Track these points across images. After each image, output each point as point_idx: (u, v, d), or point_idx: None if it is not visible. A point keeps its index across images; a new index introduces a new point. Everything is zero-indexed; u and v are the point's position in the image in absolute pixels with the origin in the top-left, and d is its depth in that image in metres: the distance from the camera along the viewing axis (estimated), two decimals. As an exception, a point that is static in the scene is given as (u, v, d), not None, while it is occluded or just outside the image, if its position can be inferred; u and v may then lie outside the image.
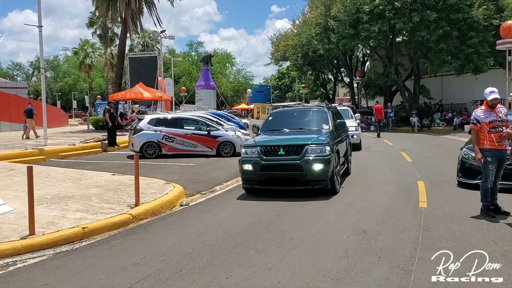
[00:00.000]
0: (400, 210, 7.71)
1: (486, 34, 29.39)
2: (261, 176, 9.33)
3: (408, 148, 18.55)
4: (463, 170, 9.78)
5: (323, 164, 8.93)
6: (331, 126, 10.44)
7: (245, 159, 9.53)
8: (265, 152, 9.34)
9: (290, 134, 10.23)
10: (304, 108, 12.54)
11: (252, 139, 10.79)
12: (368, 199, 8.86)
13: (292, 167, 9.08)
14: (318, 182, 9.03)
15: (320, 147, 9.10)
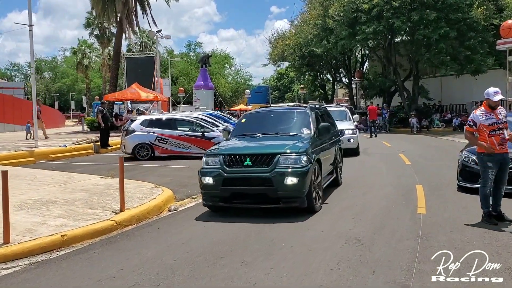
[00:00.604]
0: (397, 216, 7.32)
1: (485, 34, 29.07)
2: (222, 192, 7.78)
3: (407, 150, 18.16)
4: (463, 173, 9.39)
5: (298, 177, 7.40)
6: (312, 130, 8.94)
7: (205, 171, 8.03)
8: (229, 163, 7.81)
9: (262, 140, 8.81)
10: (283, 109, 10.75)
11: (215, 146, 9.31)
12: (365, 203, 8.48)
13: (260, 181, 7.57)
14: (292, 200, 7.52)
15: (295, 156, 7.60)
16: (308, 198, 7.61)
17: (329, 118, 11.17)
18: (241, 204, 7.99)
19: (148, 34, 37.71)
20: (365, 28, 29.85)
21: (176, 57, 72.74)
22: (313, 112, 9.56)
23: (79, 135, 26.46)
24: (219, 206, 8.11)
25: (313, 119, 9.23)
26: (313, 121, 9.18)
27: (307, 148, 7.87)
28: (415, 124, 30.85)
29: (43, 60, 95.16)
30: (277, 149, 7.79)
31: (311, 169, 7.66)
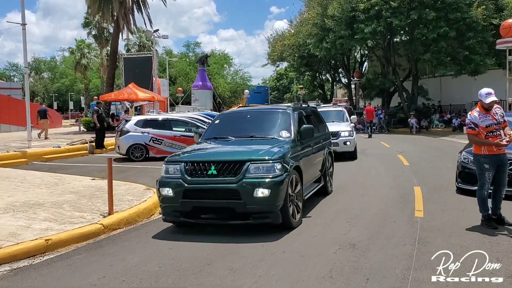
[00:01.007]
0: (394, 220, 7.07)
1: (485, 34, 28.82)
2: (183, 205, 6.70)
3: (406, 151, 17.91)
4: (462, 175, 9.13)
5: (270, 188, 6.32)
6: (293, 133, 7.81)
7: (164, 181, 6.92)
8: (191, 171, 6.72)
9: (234, 144, 7.78)
10: (261, 109, 9.77)
11: (179, 151, 8.36)
12: (361, 206, 8.22)
13: (226, 193, 6.50)
14: (264, 215, 6.47)
15: (267, 164, 6.54)
16: (283, 213, 6.53)
17: (318, 119, 10.17)
18: (205, 220, 6.94)
19: (145, 34, 37.21)
20: (364, 28, 29.59)
21: (175, 57, 72.52)
22: (295, 112, 8.48)
23: (75, 135, 26.22)
24: (182, 222, 7.00)
25: (294, 121, 8.14)
26: (295, 123, 8.08)
27: (283, 154, 6.81)
28: (414, 124, 30.61)
29: (42, 60, 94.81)
30: (247, 156, 6.73)
31: (286, 178, 6.59)
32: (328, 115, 16.20)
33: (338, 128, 15.43)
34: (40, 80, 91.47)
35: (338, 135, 15.14)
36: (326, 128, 10.59)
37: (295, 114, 8.36)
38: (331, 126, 14.86)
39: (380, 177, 11.76)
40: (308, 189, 8.18)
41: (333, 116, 16.93)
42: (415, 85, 34.73)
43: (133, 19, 31.05)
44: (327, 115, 16.27)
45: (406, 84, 36.24)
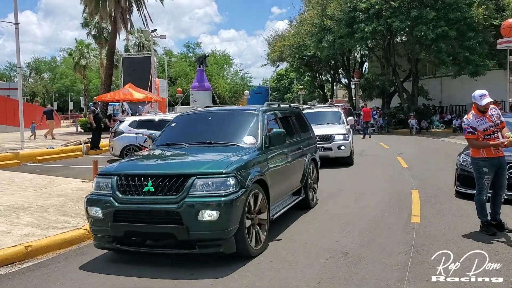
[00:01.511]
0: (389, 226, 6.78)
1: (486, 35, 28.54)
2: (114, 230, 5.44)
3: (405, 152, 17.62)
4: (461, 178, 8.83)
5: (219, 210, 5.07)
6: (259, 139, 6.52)
7: (93, 198, 5.65)
8: (124, 187, 5.45)
9: (185, 152, 6.49)
10: (226, 110, 8.42)
11: (119, 160, 6.82)
12: (355, 211, 7.93)
13: (165, 216, 5.24)
14: (213, 243, 5.20)
15: (218, 178, 5.27)
16: (238, 239, 5.28)
17: (300, 122, 8.85)
18: (142, 248, 5.59)
19: (143, 34, 36.96)
20: (364, 27, 29.31)
21: (175, 57, 72.35)
22: (266, 114, 7.16)
23: (72, 136, 25.95)
24: (116, 249, 5.67)
25: (263, 125, 6.81)
26: (263, 127, 6.76)
27: (239, 166, 5.54)
28: (414, 125, 30.33)
29: (42, 60, 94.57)
30: (192, 168, 5.46)
31: (243, 196, 5.32)
32: (322, 117, 15.87)
33: (332, 131, 14.35)
34: (40, 81, 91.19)
35: (331, 139, 14.02)
36: (310, 132, 9.29)
37: (265, 117, 7.05)
38: (325, 129, 14.25)
39: (377, 180, 11.46)
40: (281, 205, 7.01)
41: (328, 118, 15.99)
42: (415, 85, 34.45)
43: (130, 19, 30.80)
44: (322, 117, 15.84)
45: (406, 84, 35.95)
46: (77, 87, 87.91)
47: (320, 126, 14.26)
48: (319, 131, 13.42)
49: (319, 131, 13.42)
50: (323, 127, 14.37)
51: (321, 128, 14.00)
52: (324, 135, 13.82)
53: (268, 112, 7.41)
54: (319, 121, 15.07)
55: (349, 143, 14.26)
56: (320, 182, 10.68)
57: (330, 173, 12.50)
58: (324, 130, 14.13)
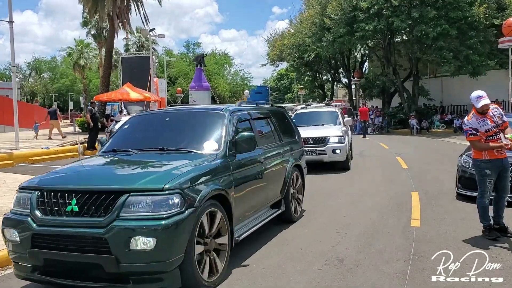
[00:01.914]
0: (388, 230, 6.53)
1: (487, 34, 28.26)
2: (33, 257, 4.42)
3: (405, 153, 17.36)
4: (462, 180, 8.57)
5: (156, 237, 4.07)
6: (222, 145, 5.47)
7: (10, 218, 4.64)
8: (45, 205, 4.44)
9: (130, 160, 5.49)
10: (187, 110, 7.04)
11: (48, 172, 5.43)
12: (353, 214, 7.68)
13: (90, 243, 4.22)
14: (151, 277, 4.19)
15: (157, 196, 4.24)
16: (184, 272, 4.27)
17: (282, 123, 7.67)
18: (68, 281, 4.37)
19: (141, 33, 36.75)
20: (364, 26, 29.04)
21: (176, 57, 72.18)
22: (235, 115, 6.05)
23: (69, 136, 25.67)
24: (39, 280, 4.57)
25: (230, 128, 5.70)
26: (229, 131, 5.65)
27: (189, 179, 4.51)
28: (414, 125, 30.06)
29: (43, 60, 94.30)
30: (126, 183, 4.44)
31: (190, 218, 4.29)
32: (317, 117, 14.99)
33: (327, 132, 13.10)
34: (40, 80, 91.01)
35: (325, 142, 12.79)
36: (296, 134, 8.09)
37: (234, 118, 5.91)
38: (319, 130, 13.27)
39: (376, 181, 11.21)
40: (253, 223, 5.93)
41: (324, 118, 14.80)
42: (416, 85, 34.16)
43: (127, 18, 30.53)
44: (316, 117, 14.97)
45: (406, 84, 35.67)
46: (77, 87, 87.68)
47: (314, 127, 13.65)
48: (312, 133, 12.96)
49: (312, 133, 12.96)
50: (317, 129, 13.56)
51: (314, 130, 13.35)
52: (317, 137, 12.88)
53: (239, 112, 6.22)
54: (313, 122, 14.38)
55: (345, 146, 12.98)
56: (317, 183, 10.55)
57: (327, 174, 12.27)
58: (318, 131, 13.23)
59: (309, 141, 12.59)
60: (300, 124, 12.39)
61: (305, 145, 11.00)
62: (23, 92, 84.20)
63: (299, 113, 15.52)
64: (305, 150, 10.43)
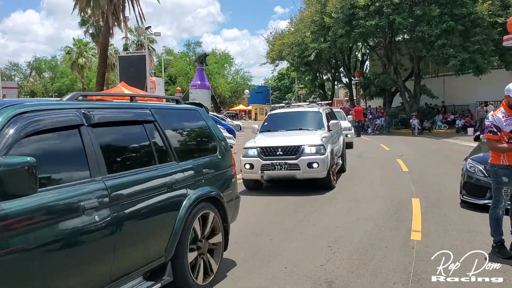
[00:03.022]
0: (385, 245, 5.83)
1: (490, 32, 27.54)
2: None
3: (405, 154, 16.66)
4: (467, 186, 7.86)
5: None
6: None
7: None
8: None
9: None
10: None
11: None
12: (347, 224, 6.99)
13: None
14: None
15: None
16: None
17: (187, 132, 4.98)
18: None
19: (136, 31, 36.13)
20: (363, 23, 28.32)
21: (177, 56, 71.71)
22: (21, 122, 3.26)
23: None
24: None
25: None
26: None
27: None
28: (416, 125, 29.34)
29: (43, 59, 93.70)
30: None
31: None
32: (296, 120, 11.42)
33: (302, 140, 9.88)
34: (40, 80, 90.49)
35: (299, 152, 9.60)
36: (218, 148, 5.20)
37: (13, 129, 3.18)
38: (292, 138, 10.17)
39: (375, 185, 10.52)
40: None
41: (304, 121, 11.27)
42: (418, 84, 33.40)
43: (123, 16, 29.86)
44: (295, 120, 11.45)
45: (408, 84, 34.93)
46: (78, 86, 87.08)
47: (287, 133, 10.73)
48: (282, 141, 10.05)
49: (282, 141, 10.05)
50: (290, 135, 10.47)
51: (286, 137, 10.34)
52: (288, 146, 9.80)
53: (36, 116, 3.25)
54: (290, 126, 11.15)
55: (325, 158, 9.66)
56: (313, 187, 9.80)
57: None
58: (290, 139, 10.09)
59: (278, 152, 9.75)
60: (272, 128, 11.20)
61: (272, 156, 9.72)
62: (23, 92, 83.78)
63: (272, 115, 12.27)
64: (273, 163, 9.62)
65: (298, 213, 7.58)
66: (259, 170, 9.77)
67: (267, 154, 9.81)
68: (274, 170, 9.71)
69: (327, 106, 14.35)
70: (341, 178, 11.76)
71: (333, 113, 13.32)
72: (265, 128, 11.44)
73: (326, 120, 11.22)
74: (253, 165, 9.87)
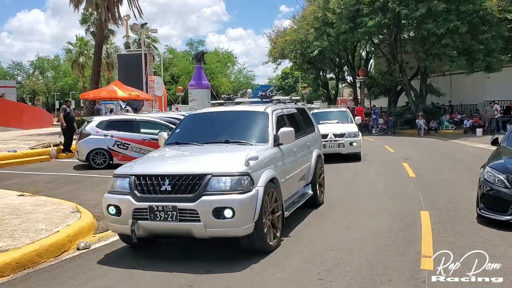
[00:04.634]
0: (389, 278, 4.71)
1: (500, 28, 26.36)
2: None
3: (412, 157, 15.53)
4: (486, 199, 6.73)
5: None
6: None
7: None
8: None
9: None
10: None
11: None
12: (345, 245, 5.87)
13: None
14: None
15: None
16: None
17: None
18: None
19: (132, 28, 35.19)
20: (368, 21, 27.21)
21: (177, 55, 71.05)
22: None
23: (49, 136, 23.96)
24: None
25: None
26: None
27: None
28: (422, 125, 28.19)
29: (46, 59, 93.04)
30: None
31: None
32: (223, 126, 7.41)
33: (209, 164, 5.86)
34: (44, 79, 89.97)
35: (200, 187, 5.47)
36: None
37: None
38: (194, 158, 6.49)
39: (378, 194, 9.39)
40: None
41: (235, 129, 7.24)
42: (424, 83, 32.26)
43: (118, 12, 28.86)
44: (223, 126, 7.42)
45: (414, 83, 33.75)
46: (80, 85, 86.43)
47: (201, 149, 6.74)
48: (173, 165, 6.23)
49: (173, 165, 6.23)
50: (196, 154, 6.65)
51: (189, 157, 6.60)
52: (180, 175, 5.46)
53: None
54: (210, 136, 7.07)
55: (249, 200, 5.48)
56: None
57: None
58: (189, 161, 6.39)
59: (163, 185, 4.45)
60: (184, 139, 7.08)
61: (154, 195, 5.55)
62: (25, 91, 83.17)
63: (190, 118, 8.05)
64: (152, 206, 5.52)
65: (286, 230, 6.48)
66: (130, 218, 5.60)
67: (145, 190, 5.64)
68: (155, 220, 5.49)
69: (294, 102, 9.01)
70: (341, 184, 10.67)
71: (302, 115, 8.68)
72: (174, 139, 7.25)
73: (273, 128, 6.82)
74: (120, 209, 5.72)
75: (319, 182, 8.42)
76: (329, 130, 14.69)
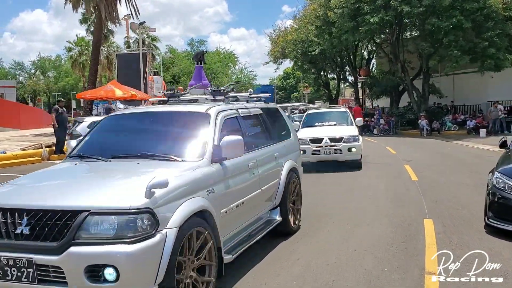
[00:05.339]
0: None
1: (505, 26, 25.81)
2: None
3: (414, 159, 15.01)
4: (495, 207, 6.21)
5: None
6: None
7: None
8: None
9: None
10: None
11: None
12: (341, 259, 5.37)
13: None
14: None
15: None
16: None
17: None
18: None
19: (130, 27, 34.79)
20: (369, 18, 26.68)
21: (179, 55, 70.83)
22: None
23: (46, 137, 23.53)
24: None
25: None
26: None
27: None
28: (424, 126, 27.64)
29: (47, 59, 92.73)
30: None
31: None
32: (141, 134, 5.69)
33: (82, 200, 3.91)
34: (45, 79, 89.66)
35: None
36: None
37: None
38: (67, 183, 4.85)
39: (379, 200, 8.87)
40: None
41: (155, 138, 5.34)
42: (426, 83, 31.69)
43: (116, 11, 28.36)
44: (141, 134, 5.64)
45: (416, 82, 33.19)
46: (81, 85, 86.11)
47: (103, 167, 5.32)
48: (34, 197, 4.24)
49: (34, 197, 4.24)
50: (79, 177, 4.29)
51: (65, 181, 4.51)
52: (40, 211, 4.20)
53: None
54: (122, 148, 5.39)
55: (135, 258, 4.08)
56: (305, 199, 7.77)
57: (320, 188, 9.99)
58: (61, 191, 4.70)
59: None
60: (89, 152, 5.41)
61: None
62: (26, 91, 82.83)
63: (107, 121, 5.60)
64: None
65: (277, 241, 5.97)
66: None
67: None
68: (2, 280, 3.75)
69: (259, 100, 7.03)
70: (340, 189, 10.16)
71: (271, 117, 6.85)
72: (79, 150, 5.36)
73: (213, 136, 4.95)
74: None
75: (292, 204, 6.64)
76: (324, 134, 13.08)
